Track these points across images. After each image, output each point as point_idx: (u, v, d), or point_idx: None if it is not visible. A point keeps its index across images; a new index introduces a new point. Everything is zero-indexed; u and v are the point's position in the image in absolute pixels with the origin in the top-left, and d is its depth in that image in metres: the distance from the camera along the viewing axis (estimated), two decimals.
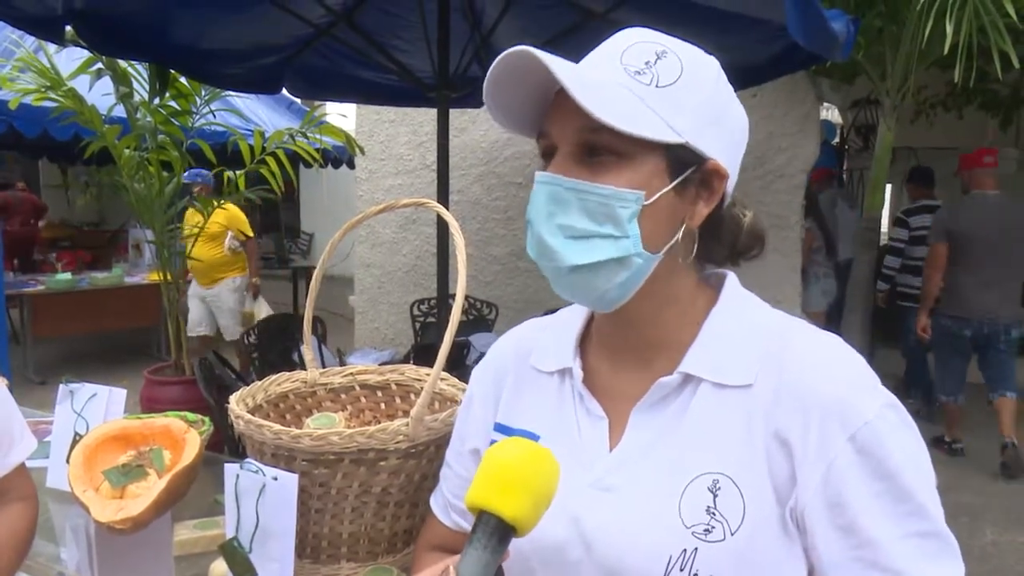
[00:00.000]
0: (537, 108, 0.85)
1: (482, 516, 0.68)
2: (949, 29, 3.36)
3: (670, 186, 0.81)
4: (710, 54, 0.86)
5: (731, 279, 0.92)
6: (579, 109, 0.76)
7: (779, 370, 0.81)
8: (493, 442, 0.96)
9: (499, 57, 0.79)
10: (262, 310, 6.32)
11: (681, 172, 0.82)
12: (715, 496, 0.79)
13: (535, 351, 0.99)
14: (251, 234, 6.14)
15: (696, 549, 0.78)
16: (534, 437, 0.92)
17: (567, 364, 0.93)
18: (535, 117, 0.86)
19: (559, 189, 0.81)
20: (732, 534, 0.78)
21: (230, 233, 6.02)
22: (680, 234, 0.84)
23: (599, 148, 0.80)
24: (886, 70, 4.69)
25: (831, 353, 0.83)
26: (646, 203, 0.80)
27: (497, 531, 0.68)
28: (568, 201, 0.80)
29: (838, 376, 0.80)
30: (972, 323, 4.85)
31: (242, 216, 6.07)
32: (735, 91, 0.88)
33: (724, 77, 0.86)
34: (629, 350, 0.90)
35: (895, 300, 5.87)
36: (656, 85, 0.80)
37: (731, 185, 0.87)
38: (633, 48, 0.83)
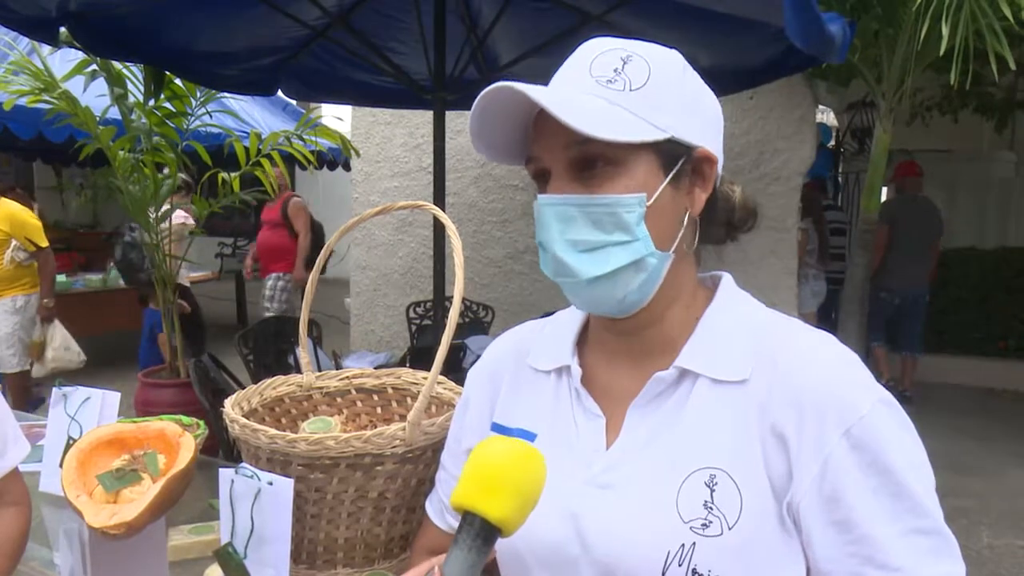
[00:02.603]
0: (520, 137, 0.87)
1: (467, 517, 0.68)
2: (945, 32, 3.36)
3: (665, 181, 0.83)
4: (670, 48, 0.88)
5: (727, 279, 0.93)
6: (563, 128, 0.78)
7: (774, 366, 0.82)
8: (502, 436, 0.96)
9: (478, 97, 0.81)
10: (56, 338, 5.31)
11: (673, 165, 0.84)
12: (712, 491, 0.79)
13: (532, 351, 1.00)
14: (44, 243, 5.08)
15: (694, 544, 0.78)
16: (530, 436, 0.92)
17: (565, 362, 0.94)
18: (520, 146, 0.88)
19: (564, 208, 0.82)
20: (730, 529, 0.78)
21: (14, 242, 4.98)
22: (688, 224, 0.86)
23: (591, 160, 0.81)
24: (882, 73, 4.69)
25: (825, 350, 0.84)
26: (649, 203, 0.81)
27: (482, 532, 0.67)
28: (574, 217, 0.82)
29: (832, 372, 0.81)
30: (901, 292, 6.22)
31: (32, 221, 5.06)
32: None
33: (689, 67, 0.88)
34: (628, 349, 0.91)
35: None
36: (630, 89, 0.82)
37: (719, 167, 0.89)
38: (599, 59, 0.84)
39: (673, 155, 0.83)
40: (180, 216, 5.33)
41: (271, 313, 6.07)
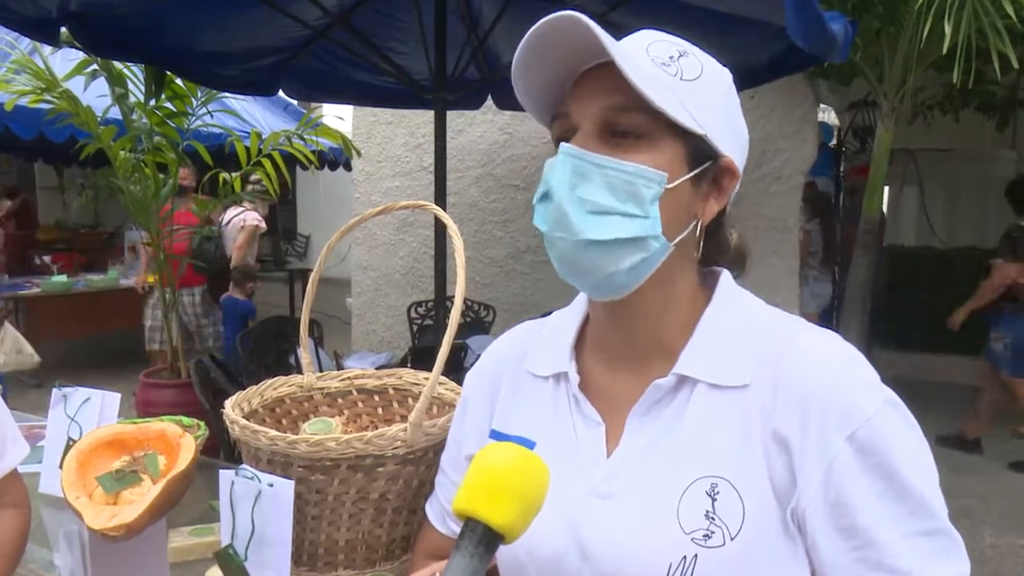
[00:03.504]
0: (552, 95, 0.86)
1: (469, 523, 0.67)
2: (948, 30, 3.35)
3: (690, 174, 0.82)
4: (724, 65, 0.88)
5: (725, 277, 0.91)
6: (607, 90, 0.78)
7: (776, 368, 0.80)
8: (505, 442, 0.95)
9: (543, 20, 0.78)
10: (7, 340, 5.17)
11: (699, 164, 0.83)
12: (714, 500, 0.78)
13: (529, 355, 0.98)
14: None
15: (696, 556, 0.77)
16: (529, 444, 0.91)
17: (563, 368, 0.92)
18: (549, 103, 0.87)
19: (584, 163, 0.80)
20: (732, 539, 0.77)
21: None
22: (695, 229, 0.84)
23: (624, 128, 0.80)
24: (884, 72, 4.67)
25: (830, 350, 0.82)
26: (668, 186, 0.80)
27: (484, 539, 0.66)
28: (592, 175, 0.80)
29: (837, 373, 0.79)
30: None
31: None
32: None
33: (734, 89, 0.88)
34: (625, 353, 0.89)
35: None
36: (681, 78, 0.82)
37: (735, 191, 0.88)
38: (657, 44, 0.85)
39: (702, 154, 0.83)
40: (255, 218, 6.08)
41: (211, 339, 5.86)
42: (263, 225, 6.16)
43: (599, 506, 0.83)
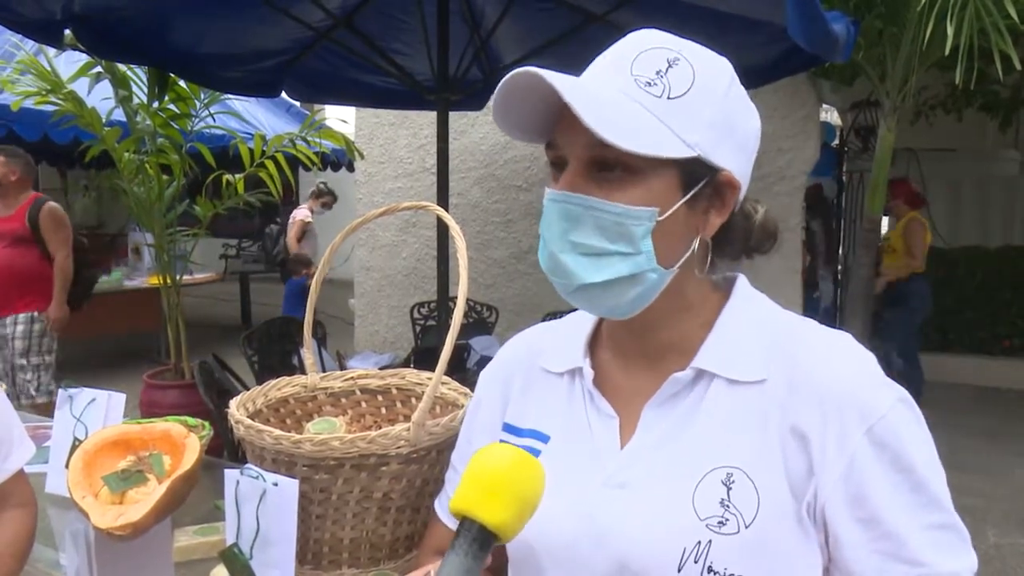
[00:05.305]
0: (547, 115, 0.83)
1: (464, 522, 0.68)
2: (950, 31, 3.35)
3: (682, 200, 0.80)
4: (721, 55, 0.84)
5: (742, 280, 0.92)
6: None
7: (792, 366, 0.82)
8: (502, 443, 0.96)
9: (505, 78, 0.78)
10: None
11: (694, 185, 0.81)
12: (729, 489, 0.79)
13: (544, 352, 0.99)
14: None
15: (710, 541, 0.78)
16: (544, 438, 0.92)
17: (577, 364, 0.93)
18: (545, 124, 0.84)
19: (571, 207, 0.80)
20: (746, 527, 0.78)
21: None
22: (695, 246, 0.83)
23: (610, 163, 0.78)
24: (886, 71, 4.68)
25: (843, 349, 0.83)
26: (660, 219, 0.79)
27: (479, 538, 0.67)
28: (580, 218, 0.79)
29: (852, 371, 0.81)
30: None
31: None
32: None
33: (736, 80, 0.85)
34: (641, 352, 0.90)
35: None
36: (668, 97, 0.78)
37: (742, 193, 0.87)
38: (644, 56, 0.80)
39: (696, 174, 0.80)
40: (302, 215, 7.11)
41: (34, 387, 4.28)
42: (308, 219, 7.13)
43: (613, 496, 0.84)
